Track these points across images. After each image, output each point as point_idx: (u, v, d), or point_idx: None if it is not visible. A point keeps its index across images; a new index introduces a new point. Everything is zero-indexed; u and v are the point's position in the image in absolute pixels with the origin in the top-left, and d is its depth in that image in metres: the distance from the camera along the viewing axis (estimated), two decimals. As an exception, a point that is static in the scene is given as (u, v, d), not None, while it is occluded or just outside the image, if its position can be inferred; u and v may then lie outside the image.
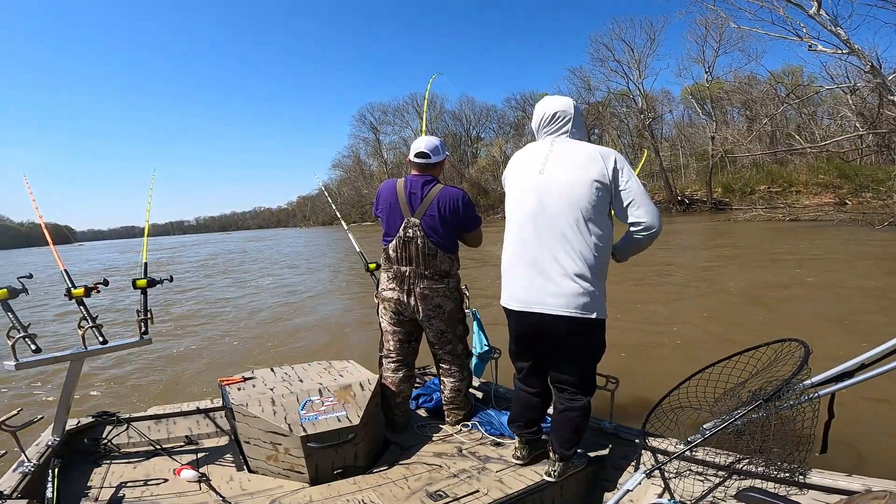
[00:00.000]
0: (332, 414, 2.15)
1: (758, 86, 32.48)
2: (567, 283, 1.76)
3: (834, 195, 24.96)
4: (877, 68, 14.25)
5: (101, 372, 5.25)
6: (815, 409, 1.62)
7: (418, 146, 2.49)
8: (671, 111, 44.66)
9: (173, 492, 1.98)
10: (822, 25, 14.25)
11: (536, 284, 1.80)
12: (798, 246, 12.14)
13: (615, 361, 4.41)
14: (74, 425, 2.38)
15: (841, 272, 8.32)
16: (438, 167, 2.54)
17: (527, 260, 1.83)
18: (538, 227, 1.81)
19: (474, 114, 56.57)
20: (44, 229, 2.53)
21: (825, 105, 31.54)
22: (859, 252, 10.52)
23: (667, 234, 16.47)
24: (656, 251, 12.14)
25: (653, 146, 37.00)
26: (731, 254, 12.04)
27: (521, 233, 1.85)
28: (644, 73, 37.24)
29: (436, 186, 2.44)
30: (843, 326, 5.20)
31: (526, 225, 1.83)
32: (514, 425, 2.19)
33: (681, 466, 1.89)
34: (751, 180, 31.24)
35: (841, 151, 25.40)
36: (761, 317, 5.91)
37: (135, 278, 2.43)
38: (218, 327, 7.59)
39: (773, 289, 7.38)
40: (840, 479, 1.59)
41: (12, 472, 1.91)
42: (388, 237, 2.47)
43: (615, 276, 2.98)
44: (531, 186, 1.84)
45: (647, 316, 6.28)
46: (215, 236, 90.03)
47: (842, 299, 6.47)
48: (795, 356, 1.71)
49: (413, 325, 2.57)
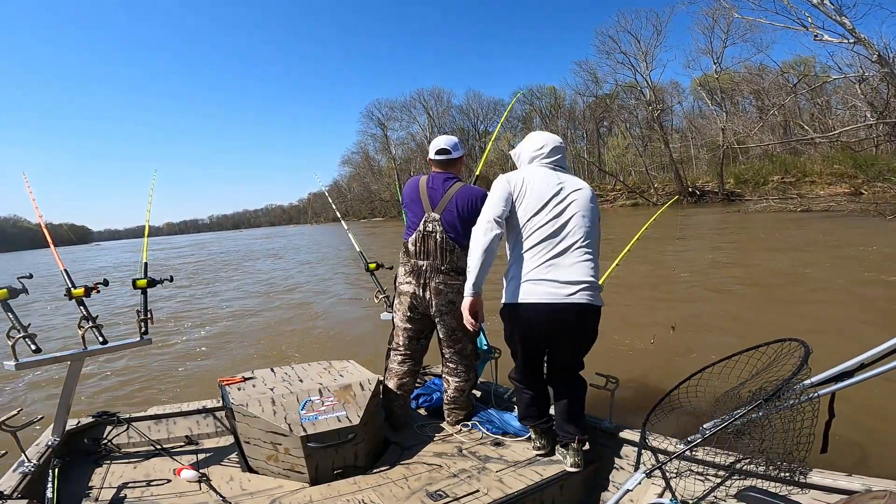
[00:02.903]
0: (332, 414, 2.15)
1: (768, 76, 32.02)
2: (590, 278, 2.00)
3: (849, 185, 24.59)
4: (884, 58, 14.01)
5: (101, 372, 5.29)
6: (815, 408, 1.60)
7: (438, 144, 2.60)
8: (681, 102, 44.29)
9: (173, 492, 2.00)
10: (827, 15, 14.04)
11: (569, 278, 1.98)
12: (806, 237, 11.98)
13: (615, 361, 4.41)
14: (74, 425, 2.40)
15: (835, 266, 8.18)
16: (458, 164, 2.64)
17: (554, 260, 2.01)
18: (564, 232, 2.05)
19: (482, 108, 56.49)
20: (43, 229, 2.55)
21: (839, 94, 31.04)
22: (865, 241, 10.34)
23: (672, 228, 16.31)
24: (666, 247, 12.03)
25: (662, 138, 36.68)
26: (737, 247, 11.90)
27: (546, 236, 2.04)
28: (651, 65, 36.94)
29: (456, 184, 2.52)
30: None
31: (551, 229, 2.04)
32: (528, 420, 2.30)
33: (681, 466, 1.88)
34: (763, 170, 30.88)
35: (852, 141, 25.00)
36: (765, 312, 5.85)
37: (135, 278, 2.45)
38: (218, 327, 7.63)
39: (775, 286, 7.29)
40: (840, 479, 1.57)
41: (12, 472, 1.93)
42: (409, 231, 2.54)
43: (617, 276, 2.96)
44: (554, 200, 2.09)
45: (648, 316, 6.21)
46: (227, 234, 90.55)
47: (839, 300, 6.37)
48: (795, 356, 1.69)
49: (425, 323, 2.59)
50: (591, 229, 2.08)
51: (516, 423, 2.42)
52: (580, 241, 2.04)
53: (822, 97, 31.84)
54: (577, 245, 2.03)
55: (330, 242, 28.50)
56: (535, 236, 2.07)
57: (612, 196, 40.18)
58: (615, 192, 40.51)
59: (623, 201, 38.74)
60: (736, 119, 33.88)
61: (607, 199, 39.91)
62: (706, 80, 36.83)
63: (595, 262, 2.06)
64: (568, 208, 2.09)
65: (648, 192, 36.92)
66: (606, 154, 45.04)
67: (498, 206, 2.09)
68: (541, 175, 2.18)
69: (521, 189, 2.15)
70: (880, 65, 14.02)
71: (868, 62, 15.14)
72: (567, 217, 2.07)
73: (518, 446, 2.32)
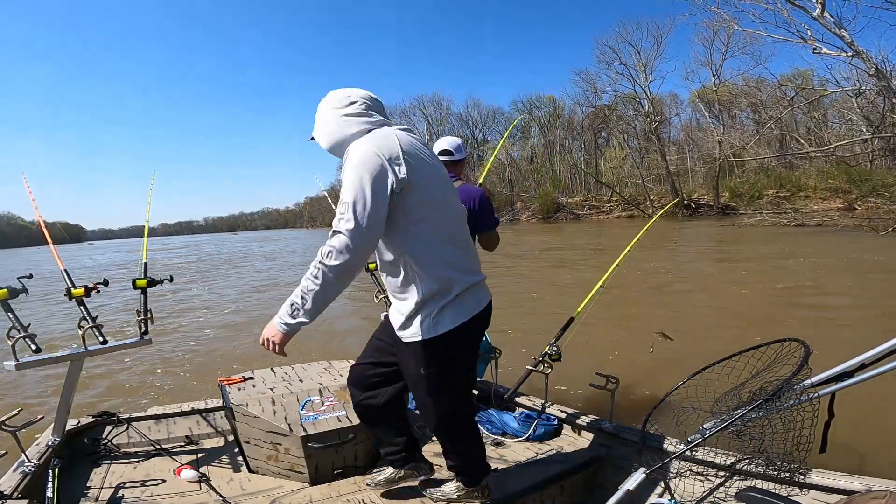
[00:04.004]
0: (332, 414, 2.15)
1: (766, 89, 32.35)
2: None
3: (843, 200, 24.79)
4: (882, 71, 14.16)
5: (101, 372, 5.27)
6: (815, 408, 1.61)
7: (441, 145, 2.62)
8: (678, 114, 44.65)
9: (173, 492, 1.99)
10: (826, 28, 14.20)
11: (482, 281, 1.73)
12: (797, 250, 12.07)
13: (615, 361, 4.43)
14: (74, 425, 2.39)
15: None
16: (460, 165, 2.67)
17: (469, 262, 1.70)
18: (463, 229, 1.73)
19: (480, 116, 56.70)
20: (43, 229, 2.54)
21: (835, 108, 31.37)
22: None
23: (666, 239, 16.41)
24: (662, 258, 12.11)
25: (660, 150, 36.93)
26: (733, 258, 11.99)
27: (453, 233, 1.66)
28: (651, 77, 37.27)
29: (456, 182, 2.52)
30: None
31: (456, 226, 1.68)
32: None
33: (681, 466, 1.88)
34: (758, 184, 31.09)
35: (847, 156, 25.24)
36: (761, 319, 5.90)
37: (134, 278, 2.44)
38: (218, 327, 7.62)
39: (775, 293, 7.35)
40: (840, 479, 1.57)
41: (12, 472, 1.92)
42: None
43: (619, 278, 2.98)
44: (450, 190, 1.70)
45: (648, 317, 6.24)
46: (221, 237, 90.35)
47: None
48: (796, 356, 1.70)
49: None
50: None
51: (516, 424, 2.42)
52: (469, 241, 1.80)
53: (819, 111, 32.15)
54: (472, 245, 1.82)
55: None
56: (445, 235, 1.66)
57: (609, 208, 40.40)
58: (611, 204, 40.72)
59: (619, 213, 38.93)
60: (733, 132, 34.16)
61: (603, 211, 40.13)
62: (705, 93, 37.14)
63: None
64: (459, 203, 1.83)
65: (644, 204, 37.10)
66: (603, 165, 45.29)
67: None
68: (428, 160, 1.94)
69: (419, 171, 1.72)
70: (877, 78, 14.16)
71: (865, 75, 15.30)
72: (462, 212, 1.79)
73: (518, 446, 2.32)
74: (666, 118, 42.32)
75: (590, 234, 22.85)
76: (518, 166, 50.99)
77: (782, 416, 1.65)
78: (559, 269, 12.23)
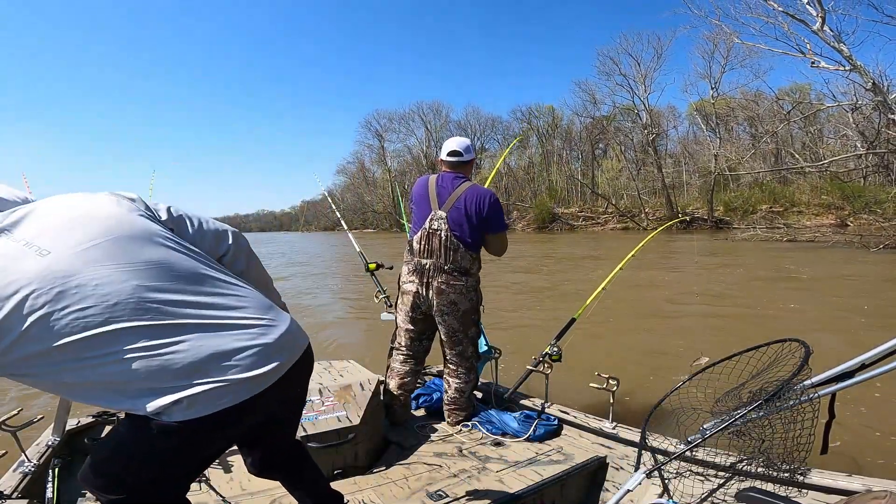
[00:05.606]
0: (331, 414, 2.15)
1: (763, 102, 32.65)
2: None
3: (835, 216, 25.00)
4: (879, 86, 14.32)
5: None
6: (815, 409, 1.62)
7: (450, 146, 2.62)
8: (675, 127, 44.96)
9: None
10: (826, 41, 14.36)
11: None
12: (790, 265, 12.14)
13: (615, 362, 4.44)
14: (74, 425, 2.37)
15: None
16: (469, 166, 2.66)
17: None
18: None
19: (479, 124, 56.70)
20: None
21: (831, 123, 31.69)
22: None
23: (665, 250, 16.43)
24: (660, 265, 12.14)
25: (656, 162, 37.16)
26: (727, 269, 12.06)
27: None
28: (650, 88, 37.62)
29: (465, 183, 2.53)
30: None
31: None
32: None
33: (681, 466, 1.89)
34: (752, 199, 31.32)
35: (841, 171, 25.48)
36: (758, 323, 5.92)
37: None
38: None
39: (771, 301, 7.39)
40: (840, 479, 1.59)
41: (12, 472, 1.91)
42: (415, 229, 2.55)
43: (620, 279, 3.00)
44: None
45: (648, 320, 6.25)
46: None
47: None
48: (796, 356, 1.71)
49: (427, 323, 2.60)
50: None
51: (516, 424, 2.42)
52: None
53: (815, 125, 32.47)
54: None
55: (328, 250, 28.35)
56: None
57: (604, 219, 40.47)
58: (606, 216, 40.81)
59: (614, 225, 39.04)
60: (729, 146, 34.39)
61: (598, 222, 40.21)
62: (702, 105, 37.47)
63: None
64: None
65: (639, 216, 37.26)
66: (600, 176, 45.51)
67: None
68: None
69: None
70: (874, 93, 14.30)
71: (862, 90, 15.44)
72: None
73: (518, 446, 2.32)
74: (663, 130, 42.61)
75: (586, 245, 22.89)
76: (515, 175, 51.10)
77: (782, 417, 1.65)
78: (557, 275, 12.27)
